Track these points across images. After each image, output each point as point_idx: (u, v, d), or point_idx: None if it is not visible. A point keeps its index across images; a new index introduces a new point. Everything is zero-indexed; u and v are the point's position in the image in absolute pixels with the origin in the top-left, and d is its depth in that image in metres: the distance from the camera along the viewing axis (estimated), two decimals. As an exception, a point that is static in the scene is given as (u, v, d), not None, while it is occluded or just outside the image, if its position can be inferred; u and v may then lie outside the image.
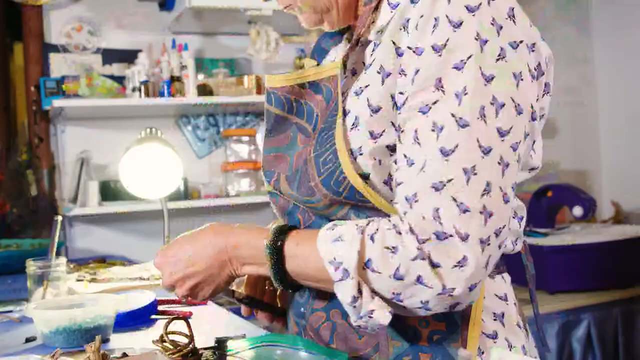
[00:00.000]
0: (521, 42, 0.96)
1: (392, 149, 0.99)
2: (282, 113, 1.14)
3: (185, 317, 1.18)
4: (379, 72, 1.00)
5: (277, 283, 1.02)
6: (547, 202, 3.27)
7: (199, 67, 3.49)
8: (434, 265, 0.88)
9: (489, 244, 0.89)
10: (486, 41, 0.93)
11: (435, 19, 0.94)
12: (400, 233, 0.90)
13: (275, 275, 1.01)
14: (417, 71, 0.94)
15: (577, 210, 3.17)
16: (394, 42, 1.00)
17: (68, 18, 3.39)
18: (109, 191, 3.21)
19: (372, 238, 0.91)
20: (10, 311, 1.71)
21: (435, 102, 0.92)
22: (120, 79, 3.30)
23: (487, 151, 0.90)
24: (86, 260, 2.63)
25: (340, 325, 1.07)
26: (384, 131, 0.99)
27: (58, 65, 3.35)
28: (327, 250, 0.93)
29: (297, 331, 1.15)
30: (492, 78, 0.92)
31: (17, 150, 3.48)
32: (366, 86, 1.02)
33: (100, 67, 3.40)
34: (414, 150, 0.93)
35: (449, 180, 0.89)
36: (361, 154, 0.99)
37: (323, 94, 1.09)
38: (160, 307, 1.61)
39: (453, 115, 0.90)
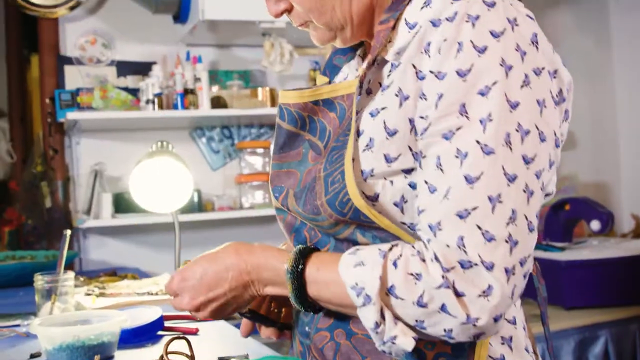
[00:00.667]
0: (543, 68, 0.96)
1: (407, 172, 0.98)
2: (295, 129, 1.13)
3: (186, 336, 1.16)
4: (397, 95, 0.99)
5: (299, 306, 1.02)
6: (565, 216, 3.23)
7: (213, 78, 3.48)
8: (458, 294, 0.87)
9: (514, 274, 0.88)
10: (511, 67, 0.92)
11: (459, 43, 0.93)
12: (424, 260, 0.89)
13: (296, 299, 1.01)
14: (441, 96, 0.93)
15: (595, 224, 3.12)
16: (414, 66, 0.98)
17: (83, 31, 3.40)
18: (122, 203, 3.21)
19: (395, 264, 0.90)
20: (18, 325, 1.70)
21: (459, 128, 0.91)
22: (134, 91, 3.30)
23: (512, 179, 0.89)
24: (97, 273, 2.63)
25: (344, 345, 1.05)
26: (399, 155, 0.98)
27: (73, 77, 3.36)
28: (349, 276, 0.93)
29: (302, 350, 1.13)
30: (517, 105, 0.91)
31: (33, 161, 3.49)
32: (383, 108, 1.00)
33: (114, 79, 3.40)
34: (437, 177, 0.92)
35: (474, 208, 0.88)
36: (372, 175, 0.98)
37: (337, 112, 1.07)
38: (167, 323, 1.59)
39: (478, 142, 0.90)
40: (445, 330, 0.89)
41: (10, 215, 3.99)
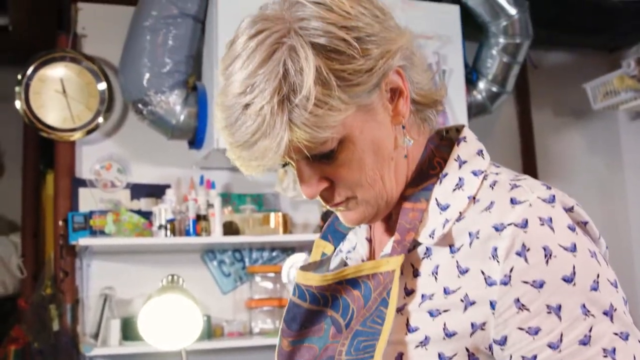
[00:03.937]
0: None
1: None
2: (318, 307, 1.09)
3: None
4: (462, 301, 0.97)
5: None
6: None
7: (226, 201, 3.49)
8: None
9: None
10: (594, 253, 0.96)
11: (545, 248, 0.93)
12: None
13: None
14: (559, 307, 0.93)
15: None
16: (483, 272, 0.96)
17: (99, 156, 3.43)
18: (130, 329, 3.16)
19: None
20: None
21: (591, 329, 0.92)
22: (147, 214, 3.30)
23: None
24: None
25: None
26: (454, 355, 0.96)
27: (87, 199, 3.38)
28: None
29: None
30: (616, 282, 0.97)
31: (43, 283, 3.47)
32: (445, 310, 0.98)
33: (128, 201, 3.42)
34: None
35: None
36: None
37: (361, 290, 1.04)
38: None
39: (616, 334, 0.93)
40: None
41: (17, 334, 3.93)
